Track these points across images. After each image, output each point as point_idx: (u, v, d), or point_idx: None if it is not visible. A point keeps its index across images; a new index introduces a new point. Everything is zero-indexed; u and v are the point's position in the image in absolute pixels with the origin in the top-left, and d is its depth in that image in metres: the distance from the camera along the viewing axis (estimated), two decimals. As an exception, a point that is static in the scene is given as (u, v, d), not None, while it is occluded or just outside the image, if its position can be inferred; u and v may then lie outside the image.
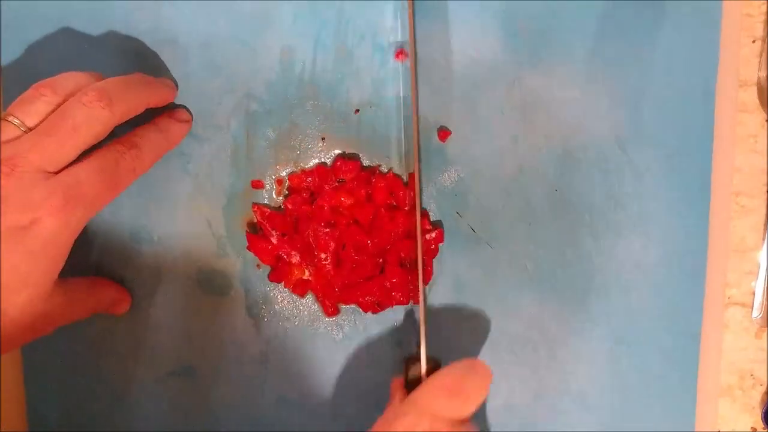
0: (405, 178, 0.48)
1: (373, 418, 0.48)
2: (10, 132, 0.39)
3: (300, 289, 0.48)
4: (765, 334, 0.50)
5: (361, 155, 0.48)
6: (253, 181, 0.48)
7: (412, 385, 0.44)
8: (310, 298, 0.48)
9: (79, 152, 0.39)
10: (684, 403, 0.49)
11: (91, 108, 0.39)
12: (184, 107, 0.47)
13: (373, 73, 0.47)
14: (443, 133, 0.47)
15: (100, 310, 0.46)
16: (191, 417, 0.49)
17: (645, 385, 0.49)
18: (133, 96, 0.41)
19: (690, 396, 0.49)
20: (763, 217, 0.49)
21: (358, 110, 0.47)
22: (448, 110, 0.47)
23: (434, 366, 0.44)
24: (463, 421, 0.41)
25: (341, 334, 0.49)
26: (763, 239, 0.49)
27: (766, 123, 0.48)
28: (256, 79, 0.47)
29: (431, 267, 0.48)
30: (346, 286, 0.47)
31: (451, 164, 0.48)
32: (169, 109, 0.46)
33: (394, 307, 0.48)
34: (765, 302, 0.49)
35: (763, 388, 0.50)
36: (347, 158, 0.47)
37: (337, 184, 0.47)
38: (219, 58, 0.47)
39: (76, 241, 0.47)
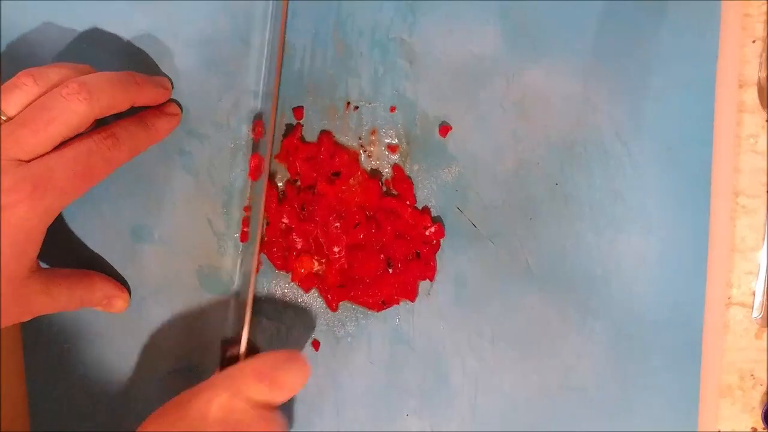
0: (406, 169, 0.48)
1: (375, 416, 0.48)
2: None
3: (306, 283, 0.48)
4: (765, 334, 0.49)
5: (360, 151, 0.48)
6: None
7: (227, 365, 0.44)
8: (311, 295, 0.48)
9: (54, 144, 0.40)
10: (686, 401, 0.49)
11: (69, 101, 0.39)
12: (175, 101, 0.47)
13: (372, 69, 0.47)
14: (444, 128, 0.47)
15: (94, 305, 0.46)
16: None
17: (647, 381, 0.49)
18: (116, 92, 0.41)
19: (692, 394, 0.49)
20: (763, 217, 0.49)
21: (357, 107, 0.48)
22: (449, 106, 0.47)
23: (253, 351, 0.45)
24: (264, 407, 0.42)
25: (343, 331, 0.49)
26: (763, 239, 0.49)
27: (766, 123, 0.49)
28: (256, 75, 0.47)
29: (434, 262, 0.48)
30: (352, 283, 0.47)
31: (451, 160, 0.48)
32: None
33: (399, 303, 0.48)
34: (765, 302, 0.49)
35: (763, 388, 0.50)
36: (325, 134, 0.48)
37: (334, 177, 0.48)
38: (218, 56, 0.47)
39: (76, 239, 0.47)
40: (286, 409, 0.49)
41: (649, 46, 0.47)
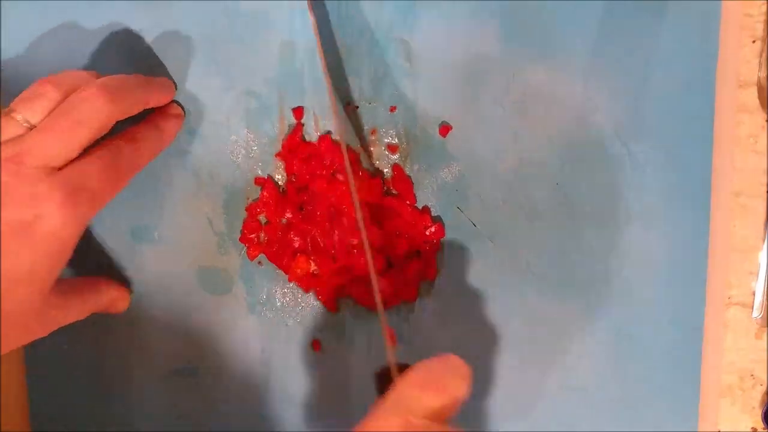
0: (404, 168, 0.48)
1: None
2: (14, 129, 0.39)
3: (305, 283, 0.48)
4: (765, 334, 0.49)
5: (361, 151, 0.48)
6: (256, 179, 0.48)
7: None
8: (311, 295, 0.48)
9: (82, 147, 0.39)
10: (686, 401, 0.49)
11: (93, 102, 0.39)
12: (176, 102, 0.47)
13: (372, 69, 0.47)
14: (444, 128, 0.47)
15: (101, 310, 0.46)
16: (193, 416, 0.49)
17: (647, 381, 0.49)
18: (132, 94, 0.42)
19: (692, 394, 0.49)
20: (763, 217, 0.49)
21: (357, 106, 0.48)
22: (449, 106, 0.47)
23: (404, 369, 0.41)
24: (440, 420, 0.38)
25: (343, 331, 0.49)
26: (763, 239, 0.49)
27: (766, 123, 0.49)
28: (256, 75, 0.47)
29: (434, 262, 0.48)
30: (351, 283, 0.47)
31: (452, 159, 0.48)
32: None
33: (400, 303, 0.49)
34: (765, 302, 0.49)
35: (763, 388, 0.50)
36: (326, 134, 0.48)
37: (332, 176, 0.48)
38: (218, 56, 0.47)
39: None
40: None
41: (649, 46, 0.47)
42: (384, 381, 0.43)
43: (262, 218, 0.48)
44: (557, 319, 0.48)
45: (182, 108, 0.47)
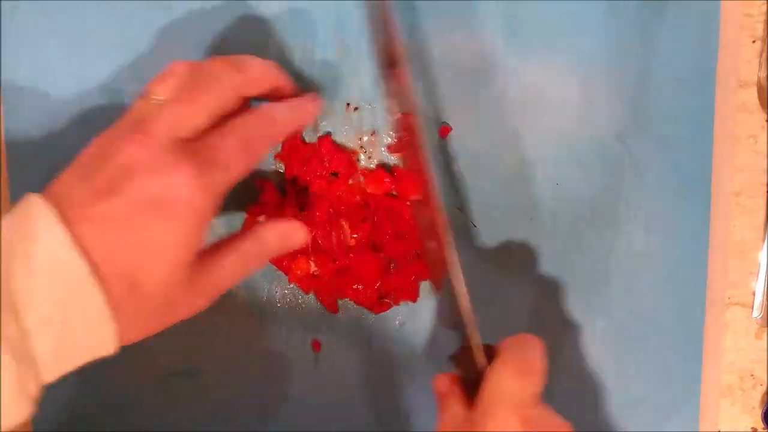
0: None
1: (377, 416, 0.48)
2: (148, 108, 0.38)
3: (305, 284, 0.48)
4: (765, 334, 0.49)
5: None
6: (256, 180, 0.48)
7: (469, 379, 0.41)
8: (312, 295, 0.48)
9: (210, 117, 0.38)
10: (686, 401, 0.49)
11: (219, 69, 0.39)
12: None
13: (372, 70, 0.47)
14: (444, 128, 0.47)
15: (274, 253, 0.43)
16: (194, 417, 0.49)
17: (647, 381, 0.49)
18: (261, 66, 0.41)
19: (692, 394, 0.49)
20: (763, 217, 0.49)
21: (357, 107, 0.47)
22: (449, 106, 0.47)
23: (488, 352, 0.41)
24: (538, 398, 0.40)
25: (343, 331, 0.49)
26: (763, 239, 0.49)
27: (766, 123, 0.49)
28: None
29: (433, 262, 0.48)
30: (349, 282, 0.48)
31: (451, 160, 0.48)
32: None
33: (400, 304, 0.48)
34: (765, 302, 0.49)
35: (763, 388, 0.50)
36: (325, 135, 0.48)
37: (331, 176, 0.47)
38: (218, 56, 0.47)
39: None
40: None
41: (649, 46, 0.47)
42: (462, 362, 0.42)
43: (262, 220, 0.48)
44: (557, 319, 0.48)
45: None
